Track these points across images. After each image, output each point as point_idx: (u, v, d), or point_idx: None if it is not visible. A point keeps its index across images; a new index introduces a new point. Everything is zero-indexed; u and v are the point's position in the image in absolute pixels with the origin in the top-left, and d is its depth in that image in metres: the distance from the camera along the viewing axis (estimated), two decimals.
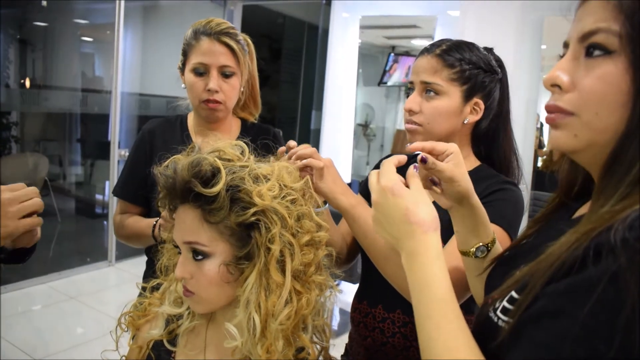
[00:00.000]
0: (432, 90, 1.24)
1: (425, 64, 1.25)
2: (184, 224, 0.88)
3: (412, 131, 1.27)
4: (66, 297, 4.04)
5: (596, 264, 0.53)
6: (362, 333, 1.32)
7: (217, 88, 1.50)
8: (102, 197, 5.77)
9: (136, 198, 1.60)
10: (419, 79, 1.25)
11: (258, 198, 0.83)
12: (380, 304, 1.29)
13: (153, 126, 1.65)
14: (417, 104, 1.25)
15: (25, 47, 5.30)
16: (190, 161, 0.86)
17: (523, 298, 0.60)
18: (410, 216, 0.73)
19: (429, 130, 1.25)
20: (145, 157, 1.59)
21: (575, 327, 0.52)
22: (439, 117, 1.24)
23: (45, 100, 5.29)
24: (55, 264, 4.56)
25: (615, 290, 0.51)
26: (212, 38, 1.49)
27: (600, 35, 0.62)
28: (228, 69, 1.51)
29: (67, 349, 3.25)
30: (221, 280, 0.87)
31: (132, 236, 1.58)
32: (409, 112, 1.27)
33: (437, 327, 0.66)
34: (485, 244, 0.92)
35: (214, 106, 1.52)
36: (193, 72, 1.51)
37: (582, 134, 0.65)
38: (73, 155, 5.99)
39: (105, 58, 5.34)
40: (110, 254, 4.80)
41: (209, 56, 1.49)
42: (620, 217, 0.55)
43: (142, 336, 1.02)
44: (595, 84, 0.63)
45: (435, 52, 1.24)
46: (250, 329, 0.84)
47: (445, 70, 1.23)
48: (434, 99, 1.24)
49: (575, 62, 0.66)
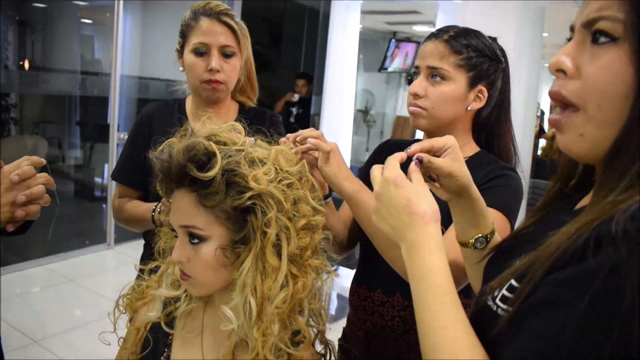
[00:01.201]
0: (438, 75, 1.24)
1: (433, 48, 1.25)
2: (180, 208, 0.88)
3: (416, 114, 1.27)
4: (65, 280, 4.06)
5: (596, 255, 0.53)
6: (361, 317, 1.33)
7: (219, 67, 1.49)
8: (101, 180, 5.77)
9: (135, 182, 1.60)
10: (426, 64, 1.25)
11: (254, 182, 0.83)
12: (379, 287, 1.30)
13: (151, 109, 1.65)
14: (422, 88, 1.25)
15: (25, 28, 5.26)
16: (186, 145, 0.86)
17: (522, 287, 0.60)
18: (411, 207, 0.73)
19: (433, 115, 1.25)
20: (143, 140, 1.57)
21: (574, 317, 0.52)
22: (444, 102, 1.24)
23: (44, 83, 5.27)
24: (54, 246, 4.56)
25: (615, 282, 0.50)
26: (212, 18, 1.48)
27: (603, 23, 0.60)
28: (229, 48, 1.50)
29: (65, 331, 3.27)
30: (217, 264, 0.87)
31: (131, 220, 1.58)
32: (414, 95, 1.27)
33: (435, 316, 0.66)
34: (485, 235, 0.92)
35: (215, 85, 1.51)
36: (193, 53, 1.50)
37: (587, 131, 0.64)
38: (72, 137, 5.98)
39: (105, 40, 5.31)
40: (109, 237, 4.81)
41: (210, 36, 1.48)
42: (622, 208, 0.55)
43: (140, 318, 1.02)
44: (598, 73, 0.61)
45: (443, 38, 1.25)
46: (247, 312, 0.85)
47: (453, 56, 1.23)
48: (439, 84, 1.24)
49: (581, 47, 0.64)
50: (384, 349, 1.30)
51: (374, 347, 1.32)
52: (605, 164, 0.63)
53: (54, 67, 5.50)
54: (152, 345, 0.98)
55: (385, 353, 1.30)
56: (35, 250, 4.40)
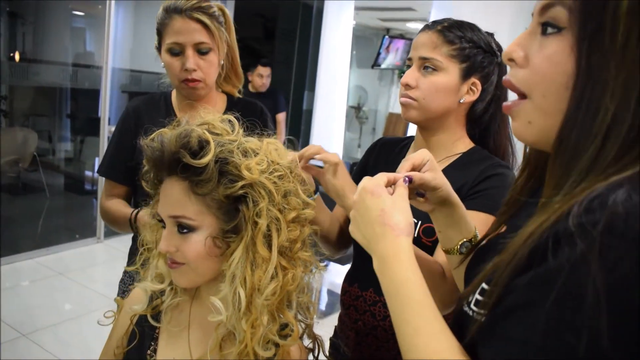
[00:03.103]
0: (430, 66, 1.22)
1: (426, 39, 1.24)
2: (170, 197, 0.88)
3: (406, 105, 1.26)
4: (54, 273, 4.04)
5: (555, 255, 0.52)
6: (353, 316, 1.32)
7: (194, 67, 1.46)
8: (92, 173, 5.74)
9: (123, 177, 1.58)
10: (418, 55, 1.24)
11: (247, 171, 0.83)
12: (371, 287, 1.28)
13: (137, 103, 1.63)
14: (414, 79, 1.23)
15: (15, 20, 5.21)
16: (179, 132, 0.85)
17: (490, 291, 0.59)
18: (385, 218, 0.72)
19: (424, 106, 1.24)
20: (130, 135, 1.55)
21: (542, 318, 0.51)
22: (436, 93, 1.23)
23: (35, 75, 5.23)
24: (43, 239, 4.54)
25: (577, 279, 0.49)
26: (183, 16, 1.44)
27: (554, 10, 0.61)
28: (204, 45, 1.47)
29: (54, 325, 3.26)
30: (207, 254, 0.87)
31: (115, 222, 1.56)
32: (405, 86, 1.25)
33: (416, 331, 0.64)
34: (469, 239, 0.92)
35: (193, 84, 1.49)
36: (169, 53, 1.48)
37: (534, 119, 0.64)
38: (62, 130, 5.94)
39: (96, 33, 5.27)
40: (98, 231, 4.79)
41: (183, 35, 1.45)
42: (576, 202, 0.53)
43: (125, 310, 1.02)
44: (543, 63, 0.62)
45: (437, 28, 1.23)
46: (236, 303, 0.84)
47: (445, 46, 1.22)
48: (431, 74, 1.23)
49: (532, 37, 0.65)
50: (375, 348, 1.29)
51: (365, 347, 1.30)
52: (551, 158, 0.63)
53: (45, 59, 5.46)
54: (138, 339, 0.98)
55: (377, 353, 1.29)
56: (25, 243, 4.38)
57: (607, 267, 0.48)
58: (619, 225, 0.49)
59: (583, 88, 0.58)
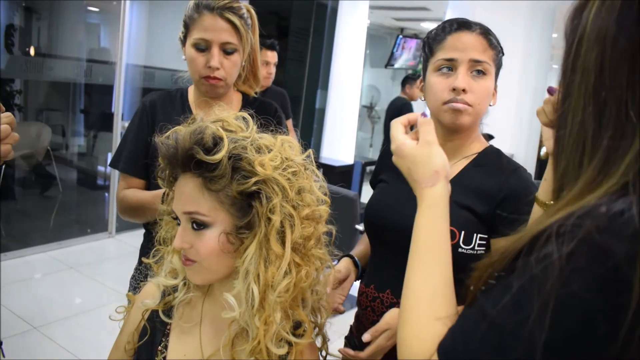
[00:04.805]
0: (481, 69, 1.20)
1: (474, 41, 1.20)
2: (184, 193, 0.88)
3: (462, 110, 1.20)
4: (65, 267, 4.06)
5: (531, 253, 0.56)
6: (370, 317, 1.31)
7: (218, 65, 1.47)
8: (104, 168, 5.77)
9: (140, 171, 1.57)
10: (469, 57, 1.19)
11: (260, 167, 0.83)
12: (388, 288, 1.28)
13: (154, 98, 1.62)
14: (467, 83, 1.19)
15: (31, 14, 5.25)
16: (193, 129, 0.85)
17: (476, 277, 0.65)
18: (412, 175, 0.84)
19: (478, 111, 1.22)
20: (147, 129, 1.56)
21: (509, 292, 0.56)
22: (486, 97, 1.22)
23: (49, 70, 5.26)
24: (55, 233, 4.57)
25: (545, 266, 0.53)
26: (214, 13, 1.45)
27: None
28: (230, 45, 1.48)
29: (65, 318, 3.28)
30: (221, 250, 0.87)
31: (137, 208, 1.53)
32: (461, 91, 1.19)
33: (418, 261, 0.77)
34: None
35: (214, 82, 1.50)
36: (194, 47, 1.48)
37: None
38: (76, 125, 5.97)
39: (111, 29, 5.30)
40: (110, 226, 4.82)
41: (211, 32, 1.46)
42: (569, 211, 0.56)
43: (136, 305, 1.02)
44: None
45: (478, 31, 1.21)
46: (249, 300, 0.84)
47: (490, 50, 1.22)
48: (482, 78, 1.21)
49: None
50: (392, 349, 1.28)
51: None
52: (553, 166, 0.67)
53: (60, 54, 5.48)
54: (149, 334, 0.98)
55: (393, 353, 1.28)
56: (37, 237, 4.41)
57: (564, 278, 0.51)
58: (594, 238, 0.51)
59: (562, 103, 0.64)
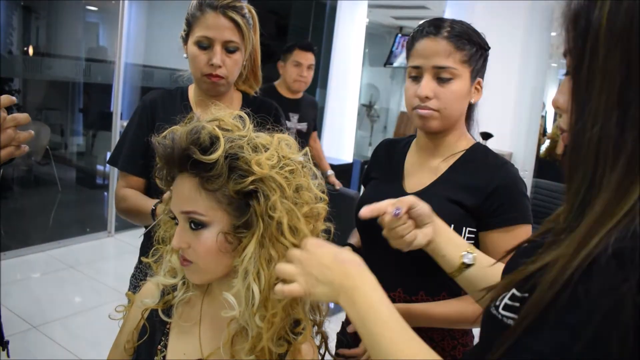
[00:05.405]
0: (446, 74, 1.21)
1: (436, 47, 1.21)
2: (181, 193, 0.88)
3: (428, 117, 1.23)
4: (65, 266, 4.06)
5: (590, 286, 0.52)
6: None
7: (220, 63, 1.48)
8: (103, 167, 5.77)
9: (139, 169, 1.57)
10: (431, 64, 1.21)
11: (256, 166, 0.83)
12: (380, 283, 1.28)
13: (154, 96, 1.63)
14: (431, 90, 1.21)
15: (29, 14, 5.24)
16: (189, 129, 0.85)
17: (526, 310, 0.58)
18: (340, 256, 0.81)
19: (446, 116, 1.23)
20: (147, 127, 1.56)
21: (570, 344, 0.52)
22: (456, 101, 1.23)
23: (48, 69, 5.26)
24: (55, 232, 4.58)
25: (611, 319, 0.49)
26: (217, 12, 1.46)
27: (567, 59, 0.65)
28: (232, 44, 1.49)
29: (64, 317, 3.28)
30: (219, 250, 0.87)
31: (131, 210, 1.55)
32: (424, 98, 1.22)
33: (392, 342, 0.73)
34: (465, 250, 1.00)
35: (216, 80, 1.51)
36: (196, 45, 1.49)
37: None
38: (75, 125, 5.97)
39: (110, 28, 5.30)
40: (109, 225, 4.82)
41: (214, 30, 1.47)
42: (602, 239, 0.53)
43: (136, 304, 1.02)
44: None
45: (444, 35, 1.21)
46: (249, 299, 0.84)
47: (457, 52, 1.21)
48: (448, 83, 1.21)
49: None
50: None
51: None
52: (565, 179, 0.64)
53: (58, 54, 5.49)
54: (148, 333, 0.98)
55: None
56: (36, 236, 4.41)
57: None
58: None
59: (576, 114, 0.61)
